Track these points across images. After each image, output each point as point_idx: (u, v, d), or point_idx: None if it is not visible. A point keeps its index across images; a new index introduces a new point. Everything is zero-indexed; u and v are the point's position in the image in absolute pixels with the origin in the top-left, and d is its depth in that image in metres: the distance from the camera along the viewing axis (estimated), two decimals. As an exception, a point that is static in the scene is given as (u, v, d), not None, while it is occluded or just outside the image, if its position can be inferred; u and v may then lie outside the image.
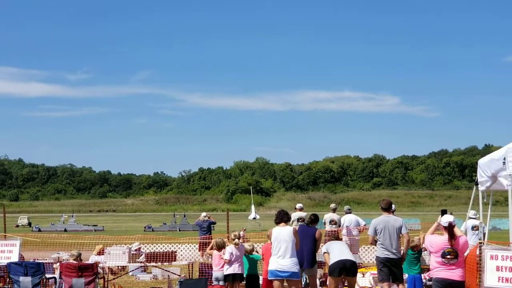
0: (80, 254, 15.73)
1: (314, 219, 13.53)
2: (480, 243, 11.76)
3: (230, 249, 13.49)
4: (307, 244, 12.90)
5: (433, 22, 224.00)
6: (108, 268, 18.17)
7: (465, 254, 11.25)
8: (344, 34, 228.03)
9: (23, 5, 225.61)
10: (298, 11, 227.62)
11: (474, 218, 17.51)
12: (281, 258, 11.43)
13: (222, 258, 13.66)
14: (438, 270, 10.27)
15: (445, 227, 10.25)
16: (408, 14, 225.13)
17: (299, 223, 20.79)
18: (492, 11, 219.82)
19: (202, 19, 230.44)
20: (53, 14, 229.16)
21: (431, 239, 10.40)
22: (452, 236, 10.13)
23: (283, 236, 11.50)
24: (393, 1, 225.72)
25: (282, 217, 11.86)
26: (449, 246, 10.14)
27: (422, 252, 13.93)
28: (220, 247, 13.89)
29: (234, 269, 13.41)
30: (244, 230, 29.75)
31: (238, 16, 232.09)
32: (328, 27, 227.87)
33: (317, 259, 13.39)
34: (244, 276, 13.73)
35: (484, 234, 16.78)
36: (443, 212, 10.93)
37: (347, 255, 12.10)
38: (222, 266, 13.64)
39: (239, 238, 13.79)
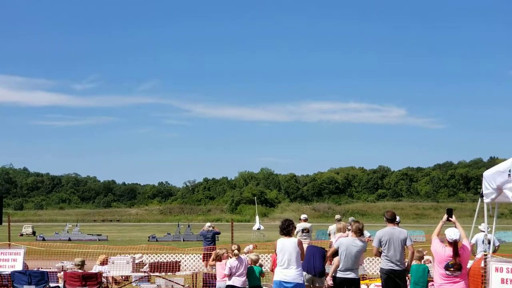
0: (83, 261, 15.68)
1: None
2: (485, 255, 11.72)
3: (229, 263, 13.47)
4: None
5: (440, 34, 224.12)
6: (112, 278, 18.17)
7: (468, 267, 11.22)
8: (349, 45, 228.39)
9: (30, 14, 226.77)
10: (304, 22, 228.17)
11: (484, 231, 17.37)
12: (286, 268, 11.44)
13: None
14: (442, 284, 10.24)
15: (449, 243, 10.20)
16: (415, 26, 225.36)
17: (304, 233, 20.82)
18: (499, 24, 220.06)
19: (207, 30, 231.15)
20: (59, 23, 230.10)
21: (435, 249, 10.36)
22: (456, 254, 10.08)
23: (288, 247, 11.50)
24: (400, 13, 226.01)
25: (285, 228, 11.80)
26: (453, 260, 10.12)
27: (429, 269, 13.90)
28: (222, 257, 13.89)
29: (234, 281, 13.39)
30: (256, 246, 29.66)
31: (243, 27, 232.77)
32: (333, 38, 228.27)
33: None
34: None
35: (496, 246, 16.70)
36: (449, 211, 10.81)
37: (352, 271, 11.97)
38: (225, 276, 13.64)
39: (239, 250, 13.77)
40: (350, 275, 11.90)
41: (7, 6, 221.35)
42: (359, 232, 12.07)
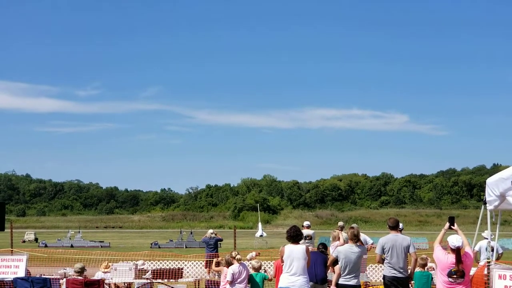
0: (83, 268, 15.51)
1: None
2: (488, 262, 11.68)
3: (231, 269, 13.41)
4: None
5: (442, 42, 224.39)
6: (114, 285, 18.12)
7: (471, 274, 11.17)
8: (353, 52, 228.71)
9: (33, 21, 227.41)
10: (307, 30, 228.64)
11: (487, 239, 17.30)
12: (293, 275, 11.41)
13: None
14: (445, 292, 10.22)
15: (452, 250, 10.17)
16: (417, 34, 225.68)
17: (306, 241, 20.76)
18: (500, 32, 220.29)
19: (211, 37, 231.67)
20: (63, 30, 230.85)
21: (438, 256, 10.34)
22: (459, 261, 10.06)
23: (296, 254, 11.47)
24: (403, 22, 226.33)
25: (294, 237, 11.76)
26: (455, 267, 10.09)
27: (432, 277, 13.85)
28: (230, 264, 13.84)
29: None
30: (259, 254, 29.47)
31: (247, 35, 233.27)
32: (337, 45, 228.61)
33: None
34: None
35: (499, 254, 16.63)
36: (451, 219, 10.77)
37: (354, 277, 11.96)
38: (226, 283, 13.59)
39: (237, 259, 13.71)
40: (352, 281, 11.88)
41: (11, 13, 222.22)
42: (355, 238, 12.06)
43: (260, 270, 14.12)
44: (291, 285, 11.38)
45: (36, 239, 72.51)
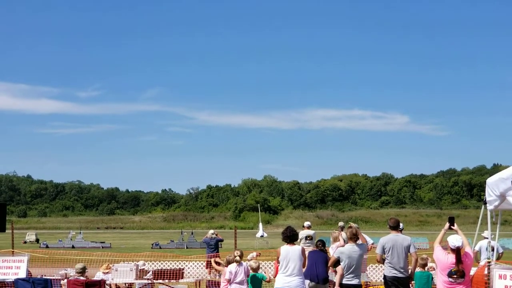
0: (84, 268, 15.48)
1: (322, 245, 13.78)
2: (489, 262, 11.70)
3: (229, 268, 13.42)
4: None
5: (442, 43, 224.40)
6: (115, 285, 18.14)
7: (471, 274, 11.19)
8: (354, 53, 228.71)
9: (34, 23, 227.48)
10: (308, 32, 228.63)
11: (487, 238, 17.30)
12: (289, 276, 11.44)
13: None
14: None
15: (452, 250, 10.19)
16: (418, 35, 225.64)
17: (307, 241, 20.76)
18: (501, 31, 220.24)
19: (212, 39, 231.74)
20: (64, 31, 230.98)
21: (438, 256, 10.35)
22: (459, 261, 10.07)
23: (292, 255, 11.50)
24: (403, 23, 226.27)
25: (291, 237, 11.80)
26: (455, 267, 10.11)
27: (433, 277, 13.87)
28: (230, 264, 13.85)
29: None
30: (259, 254, 29.41)
31: (248, 36, 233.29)
32: (337, 47, 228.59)
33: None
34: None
35: (500, 254, 16.64)
36: (451, 219, 10.78)
37: (356, 277, 12.00)
38: (227, 283, 13.60)
39: (241, 257, 13.72)
40: (354, 281, 11.91)
41: (12, 15, 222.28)
42: (354, 237, 12.09)
43: (259, 271, 14.12)
44: (287, 285, 11.42)
45: (37, 240, 72.52)
